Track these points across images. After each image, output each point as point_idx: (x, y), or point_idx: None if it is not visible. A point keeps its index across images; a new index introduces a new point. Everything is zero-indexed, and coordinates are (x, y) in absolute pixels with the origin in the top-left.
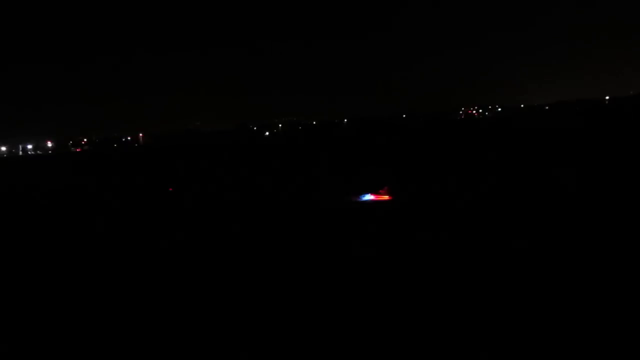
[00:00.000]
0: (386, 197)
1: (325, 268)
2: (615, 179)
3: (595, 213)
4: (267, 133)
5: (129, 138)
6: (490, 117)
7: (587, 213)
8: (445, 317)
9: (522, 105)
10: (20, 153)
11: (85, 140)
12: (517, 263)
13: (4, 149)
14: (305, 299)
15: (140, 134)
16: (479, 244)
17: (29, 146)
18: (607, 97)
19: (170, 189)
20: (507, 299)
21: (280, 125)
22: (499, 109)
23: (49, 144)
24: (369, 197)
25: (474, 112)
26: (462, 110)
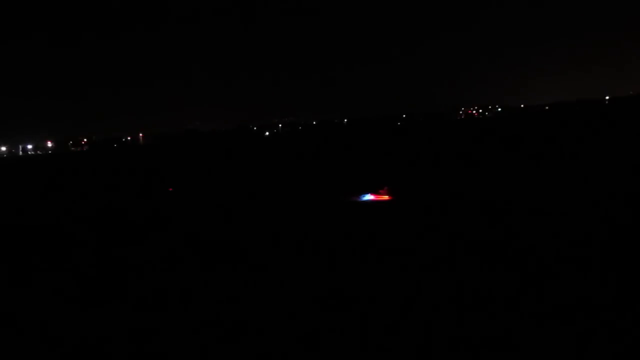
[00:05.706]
0: (386, 197)
1: (325, 267)
2: (615, 178)
3: (595, 212)
4: (267, 133)
5: (129, 138)
6: (490, 117)
7: (587, 212)
8: (445, 317)
9: (522, 105)
10: (21, 153)
11: (85, 140)
12: (516, 263)
13: (4, 149)
14: (305, 298)
15: (140, 134)
16: (478, 243)
17: (29, 146)
18: (607, 97)
19: (170, 189)
20: (507, 298)
21: (280, 125)
22: (499, 109)
23: (49, 144)
24: (369, 197)
25: (474, 112)
26: (462, 110)
